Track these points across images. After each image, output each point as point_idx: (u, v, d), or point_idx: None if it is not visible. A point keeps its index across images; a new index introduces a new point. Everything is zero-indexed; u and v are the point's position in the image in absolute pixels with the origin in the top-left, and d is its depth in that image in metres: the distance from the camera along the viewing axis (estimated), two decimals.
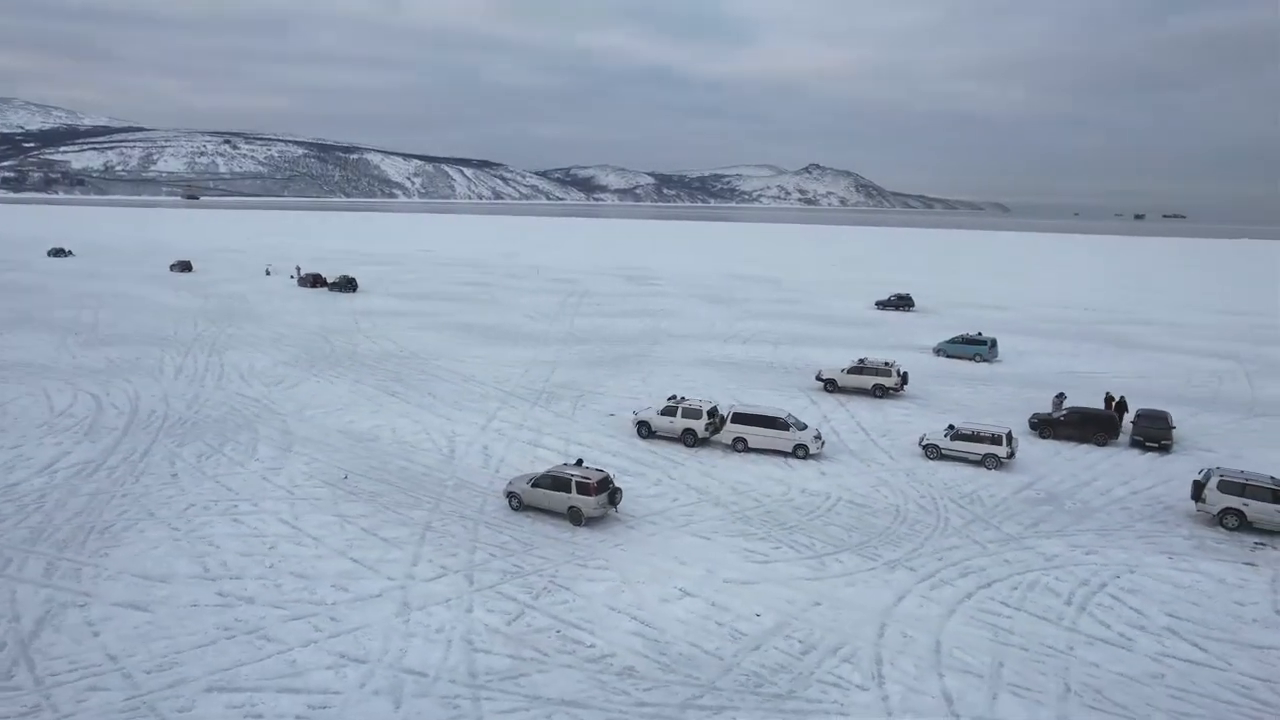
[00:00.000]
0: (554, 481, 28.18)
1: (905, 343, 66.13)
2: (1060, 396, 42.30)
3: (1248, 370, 57.93)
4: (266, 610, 21.79)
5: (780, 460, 35.38)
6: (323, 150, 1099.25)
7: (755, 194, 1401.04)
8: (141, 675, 18.86)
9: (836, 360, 57.21)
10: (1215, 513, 28.81)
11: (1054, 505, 30.85)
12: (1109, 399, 42.26)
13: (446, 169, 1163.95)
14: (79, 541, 25.74)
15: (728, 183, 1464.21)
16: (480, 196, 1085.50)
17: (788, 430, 35.83)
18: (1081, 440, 38.64)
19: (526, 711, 17.90)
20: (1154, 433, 37.68)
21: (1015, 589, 24.14)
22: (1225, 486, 28.68)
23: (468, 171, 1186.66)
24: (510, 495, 29.11)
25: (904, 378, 46.94)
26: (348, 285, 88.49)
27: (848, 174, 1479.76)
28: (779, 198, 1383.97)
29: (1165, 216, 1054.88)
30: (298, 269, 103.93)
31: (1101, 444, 38.20)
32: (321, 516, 28.16)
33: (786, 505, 30.36)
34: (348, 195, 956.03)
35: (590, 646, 20.56)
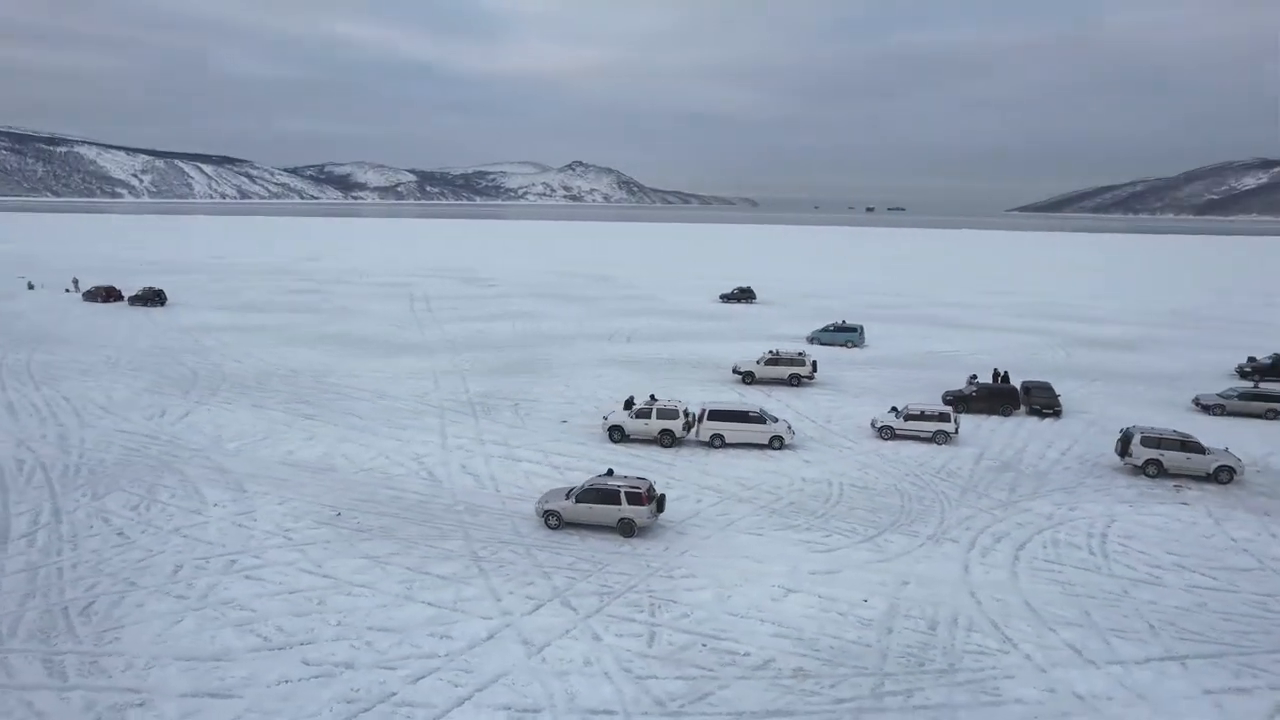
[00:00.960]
0: (601, 494, 27.21)
1: (770, 333, 70.17)
2: (973, 376, 47.45)
3: (1061, 341, 68.23)
4: (380, 674, 19.20)
5: (760, 453, 36.53)
6: (18, 141, 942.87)
7: (521, 191, 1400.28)
8: None
9: (730, 353, 59.57)
10: (1140, 463, 34.05)
11: (1014, 471, 34.78)
12: (996, 374, 48.05)
13: (182, 165, 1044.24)
14: (63, 629, 20.96)
15: (493, 180, 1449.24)
16: (223, 195, 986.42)
17: (763, 423, 37.10)
18: (990, 412, 43.65)
19: None
20: (1047, 401, 43.50)
21: (1044, 546, 27.12)
22: (1146, 442, 34.03)
23: (207, 168, 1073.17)
24: (548, 514, 27.65)
25: (814, 366, 50.09)
26: (154, 298, 77.33)
27: (610, 171, 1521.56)
28: (545, 195, 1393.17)
29: (890, 209, 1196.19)
30: (75, 281, 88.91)
31: (1007, 415, 43.42)
32: (348, 560, 25.07)
33: (801, 495, 31.58)
34: (57, 194, 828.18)
35: (746, 655, 20.39)
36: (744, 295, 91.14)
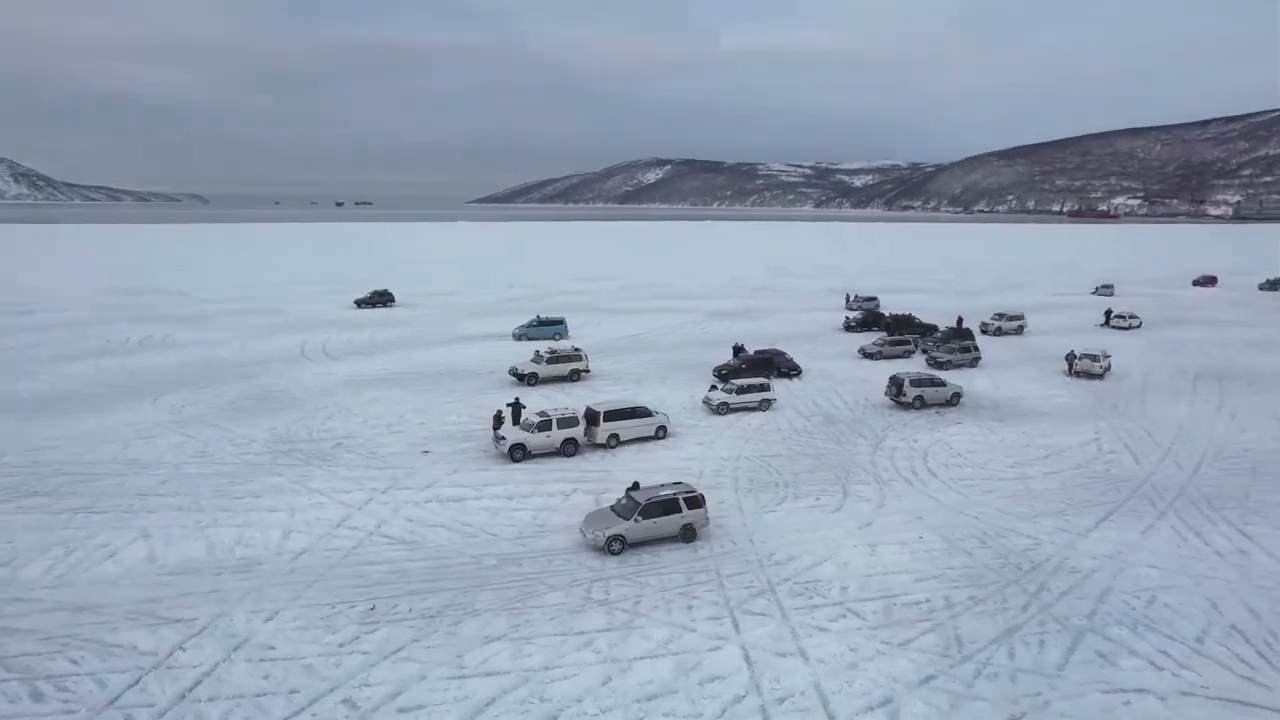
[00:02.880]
0: (664, 506, 26.66)
1: (461, 334, 68.55)
2: (739, 348, 54.19)
3: (703, 316, 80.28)
4: None
5: (653, 445, 37.95)
6: None
7: None
8: None
9: (454, 359, 57.31)
10: (910, 399, 44.71)
11: (840, 423, 42.36)
12: (737, 348, 55.98)
13: None
14: None
15: None
16: None
17: (650, 416, 38.54)
18: (754, 378, 51.21)
19: (1043, 646, 20.70)
20: (790, 365, 52.77)
21: (944, 469, 34.89)
22: (914, 383, 44.83)
23: None
24: (612, 540, 25.96)
25: (587, 360, 51.99)
26: None
27: (2, 161, 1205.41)
28: None
29: (358, 203, 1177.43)
30: None
31: (767, 379, 51.50)
32: (481, 650, 20.62)
33: (744, 473, 34.41)
34: None
35: (926, 600, 23.31)
36: (382, 299, 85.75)
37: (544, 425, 35.93)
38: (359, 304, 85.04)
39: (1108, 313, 77.59)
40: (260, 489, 31.60)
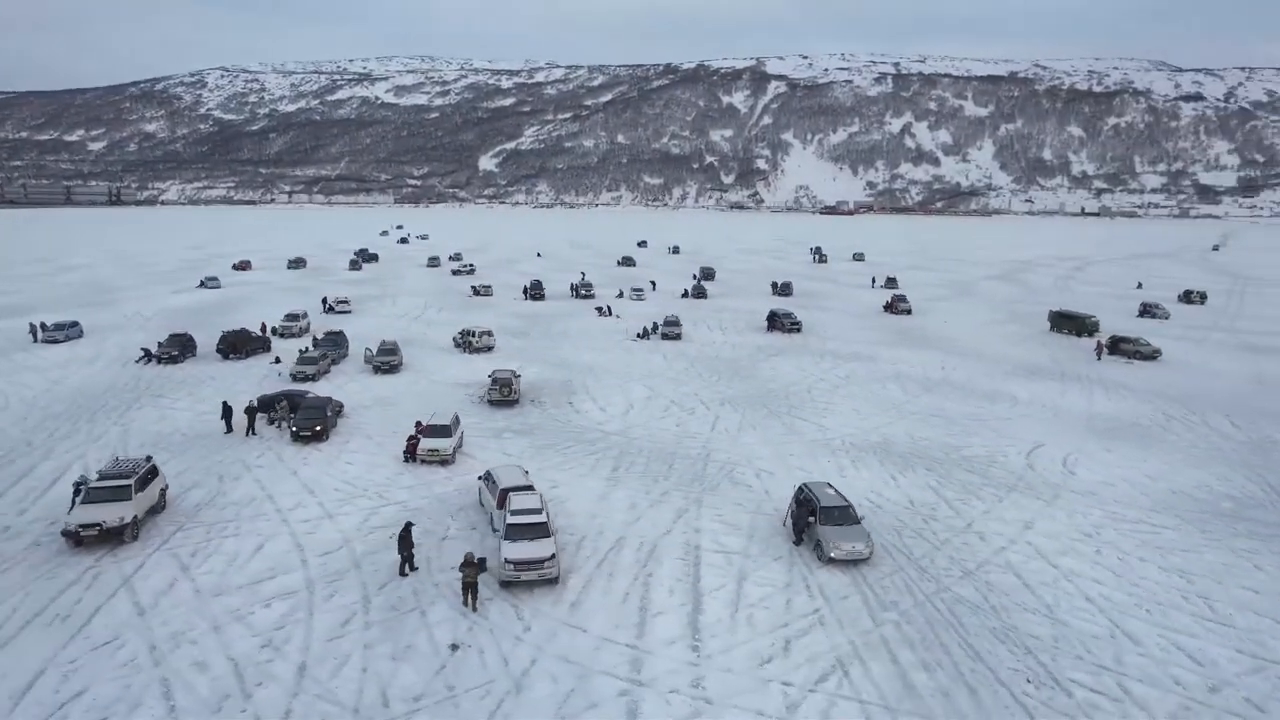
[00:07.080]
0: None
1: None
2: (285, 400, 39.70)
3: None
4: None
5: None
6: None
7: None
8: None
9: None
10: (506, 396, 45.29)
11: (512, 434, 40.92)
12: (227, 406, 40.85)
13: None
14: None
15: None
16: None
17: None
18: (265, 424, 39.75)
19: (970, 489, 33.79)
20: (338, 404, 43.10)
21: (679, 424, 41.09)
22: (511, 378, 45.81)
23: None
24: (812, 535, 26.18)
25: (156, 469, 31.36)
26: None
27: None
28: None
29: None
30: None
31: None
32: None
33: (600, 485, 33.25)
34: None
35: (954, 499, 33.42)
36: None
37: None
38: None
39: (324, 300, 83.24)
40: None
